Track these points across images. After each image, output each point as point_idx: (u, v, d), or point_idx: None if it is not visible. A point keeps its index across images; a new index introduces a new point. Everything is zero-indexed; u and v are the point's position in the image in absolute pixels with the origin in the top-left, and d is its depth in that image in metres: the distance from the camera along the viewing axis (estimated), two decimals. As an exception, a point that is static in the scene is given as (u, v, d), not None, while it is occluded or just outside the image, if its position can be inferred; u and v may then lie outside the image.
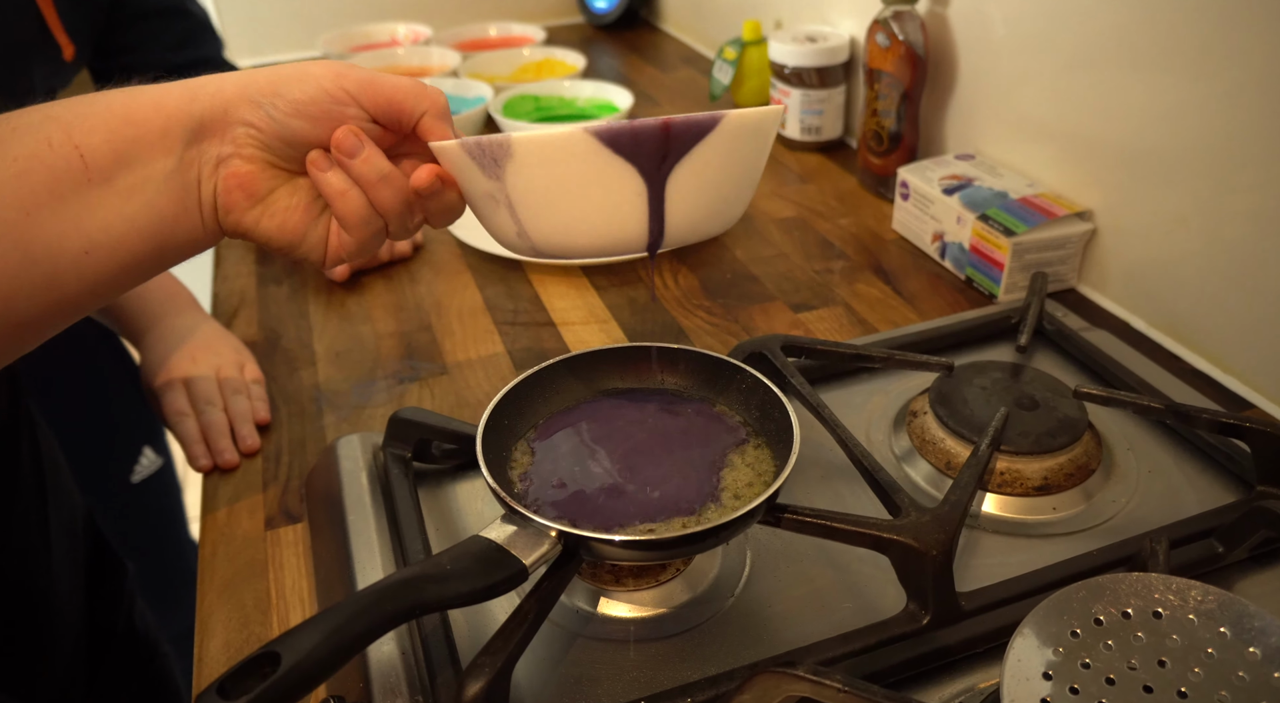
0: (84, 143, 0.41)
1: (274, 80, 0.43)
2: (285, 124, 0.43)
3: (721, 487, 0.50)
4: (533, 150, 0.42)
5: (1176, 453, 0.62)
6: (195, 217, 0.44)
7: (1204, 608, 0.41)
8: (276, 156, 0.44)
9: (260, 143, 0.43)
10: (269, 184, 0.45)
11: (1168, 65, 0.69)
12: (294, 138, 0.44)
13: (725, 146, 0.43)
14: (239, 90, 0.43)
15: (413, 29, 1.48)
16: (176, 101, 0.42)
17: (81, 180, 0.40)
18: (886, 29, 0.91)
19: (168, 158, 0.42)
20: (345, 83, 0.43)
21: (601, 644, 0.50)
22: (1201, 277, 0.70)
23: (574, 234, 0.45)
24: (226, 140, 0.43)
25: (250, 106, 0.43)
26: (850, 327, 0.78)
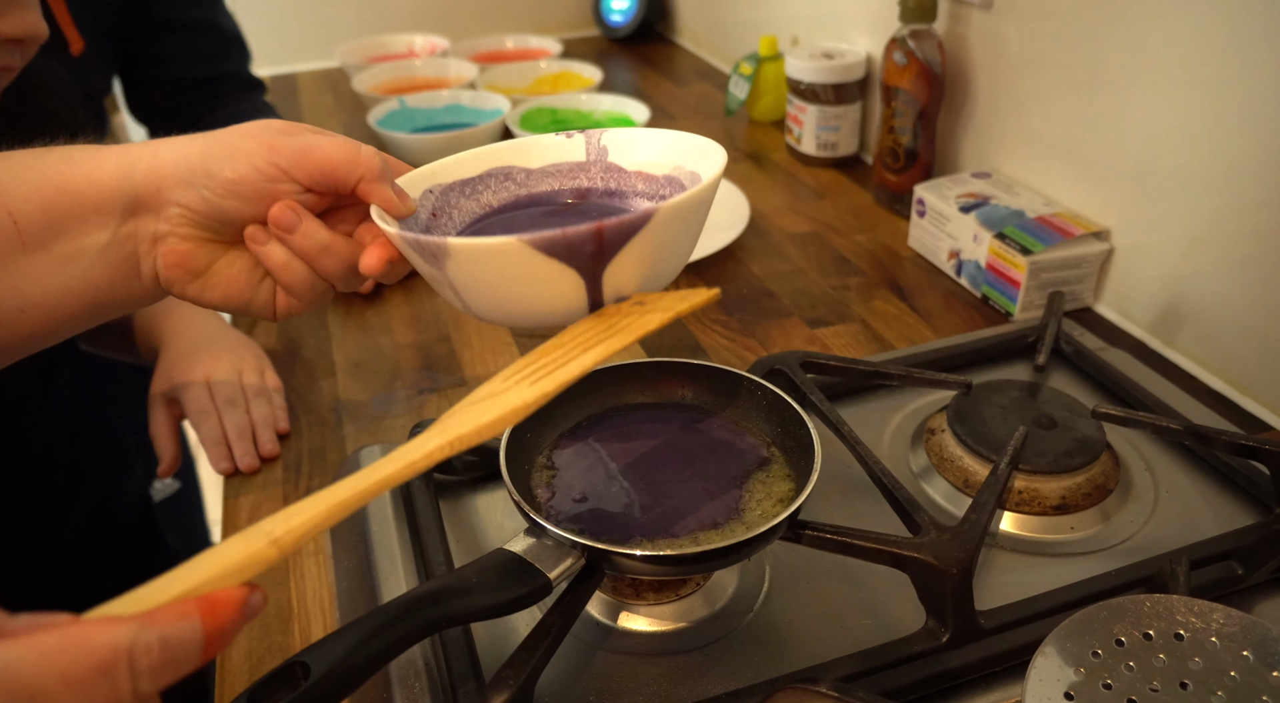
0: (18, 210, 0.41)
1: (205, 158, 0.42)
2: (218, 205, 0.43)
3: (743, 502, 0.50)
4: (471, 256, 0.42)
5: (1193, 474, 0.62)
6: (135, 283, 0.44)
7: (1226, 631, 0.42)
8: (212, 233, 0.44)
9: (195, 222, 0.43)
10: (207, 258, 0.44)
11: (1183, 84, 0.70)
12: (228, 217, 0.43)
13: (660, 234, 0.43)
14: (172, 167, 0.42)
15: (430, 41, 1.50)
16: (110, 176, 0.42)
17: (15, 245, 0.41)
18: (904, 47, 0.91)
19: (102, 231, 0.42)
20: (277, 158, 0.43)
21: (621, 658, 0.50)
22: (1218, 297, 0.71)
23: (516, 316, 0.45)
24: (161, 218, 0.43)
25: (183, 187, 0.42)
26: (866, 343, 0.78)
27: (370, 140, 1.24)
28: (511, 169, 0.54)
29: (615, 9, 1.65)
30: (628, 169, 0.53)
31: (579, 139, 0.53)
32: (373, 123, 1.15)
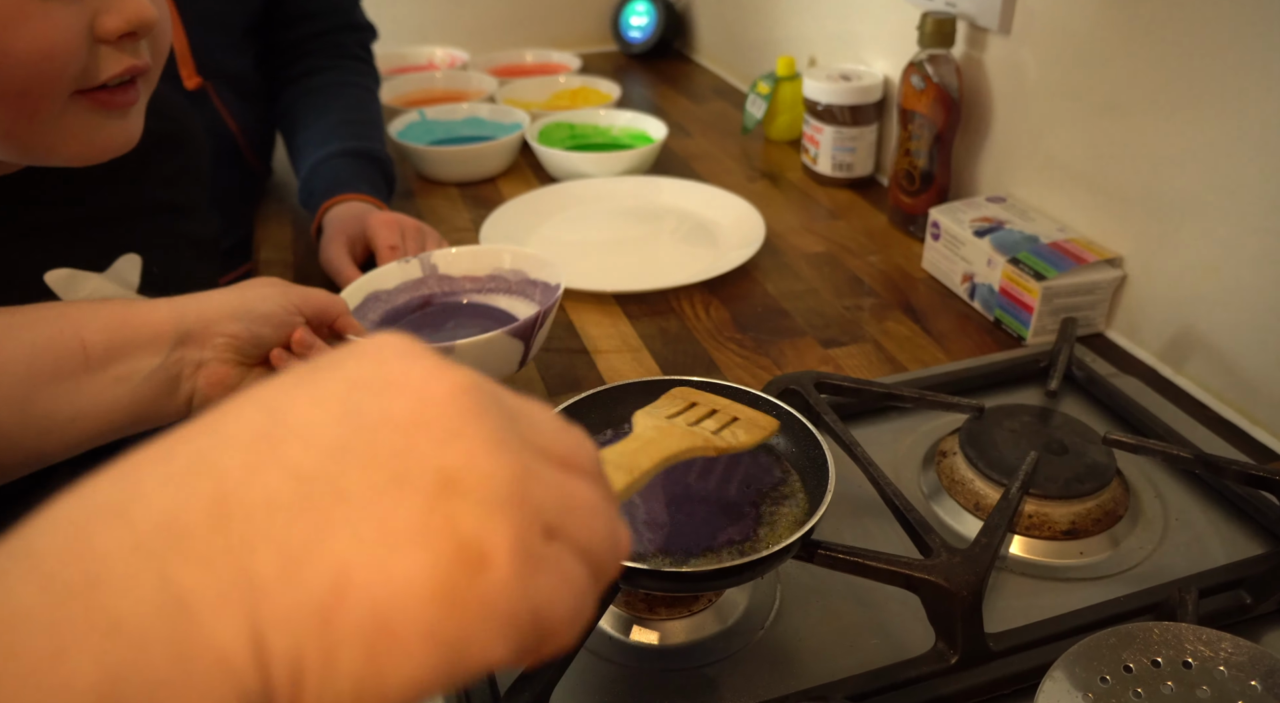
0: (89, 338, 0.49)
1: (245, 299, 0.55)
2: (257, 332, 0.54)
3: (757, 521, 0.51)
4: (469, 348, 0.64)
5: (1203, 502, 0.62)
6: (169, 402, 0.52)
7: (1235, 660, 0.42)
8: (244, 356, 0.54)
9: (235, 347, 0.53)
10: (239, 377, 0.54)
11: (1200, 112, 0.70)
12: (261, 341, 0.55)
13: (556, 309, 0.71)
14: (219, 309, 0.53)
15: (450, 53, 1.51)
16: (165, 316, 0.51)
17: (81, 366, 0.48)
18: (921, 71, 0.92)
19: (155, 357, 0.51)
20: (291, 298, 0.57)
21: (633, 672, 0.51)
22: (1230, 325, 0.71)
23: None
24: (206, 347, 0.52)
25: (231, 321, 0.53)
26: (879, 364, 0.79)
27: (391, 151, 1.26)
28: (378, 292, 0.76)
29: (634, 25, 1.67)
30: (455, 276, 0.78)
31: (414, 262, 0.77)
32: (393, 134, 1.17)
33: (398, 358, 0.23)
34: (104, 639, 0.18)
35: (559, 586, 0.22)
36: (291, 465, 0.20)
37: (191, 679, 0.18)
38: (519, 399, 0.25)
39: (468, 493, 0.21)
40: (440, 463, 0.21)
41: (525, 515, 0.21)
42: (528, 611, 0.21)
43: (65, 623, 0.18)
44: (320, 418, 0.21)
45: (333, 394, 0.22)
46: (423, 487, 0.21)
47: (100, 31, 0.50)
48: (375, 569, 0.20)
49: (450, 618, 0.20)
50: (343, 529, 0.20)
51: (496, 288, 0.78)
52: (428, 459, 0.21)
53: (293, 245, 1.02)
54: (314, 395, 0.22)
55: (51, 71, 0.49)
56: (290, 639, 0.19)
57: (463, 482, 0.21)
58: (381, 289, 0.75)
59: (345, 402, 0.22)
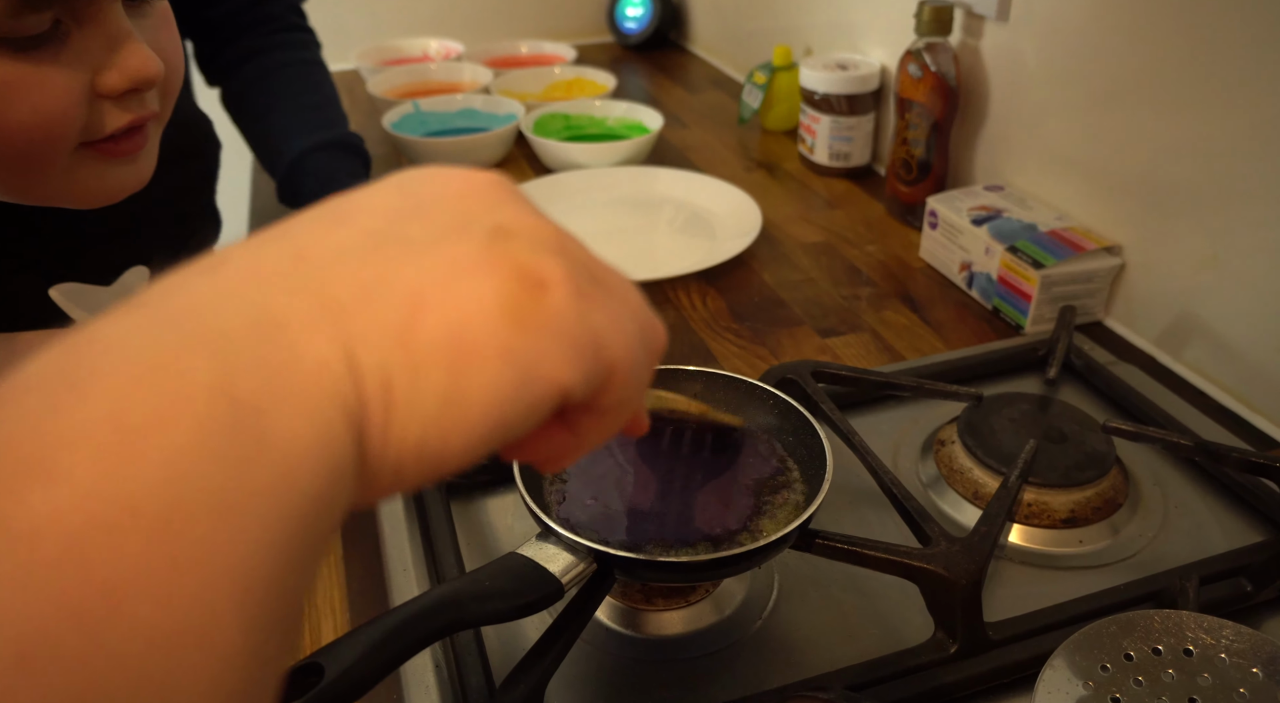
0: None
1: None
2: None
3: (754, 511, 0.50)
4: None
5: (1202, 490, 0.62)
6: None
7: (1236, 648, 0.42)
8: None
9: None
10: None
11: (1198, 100, 0.70)
12: None
13: None
14: None
15: (445, 45, 1.50)
16: None
17: None
18: (919, 60, 0.92)
19: None
20: None
21: (630, 663, 0.51)
22: (1229, 313, 0.71)
23: None
24: None
25: None
26: (877, 353, 0.79)
27: (384, 142, 1.25)
28: None
29: (630, 16, 1.66)
30: None
31: None
32: (387, 126, 1.16)
33: (435, 169, 0.26)
34: (215, 343, 0.19)
35: (613, 317, 0.24)
36: (359, 226, 0.23)
37: (298, 377, 0.19)
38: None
39: (520, 237, 0.23)
40: (493, 219, 0.23)
41: (574, 262, 0.24)
42: (589, 332, 0.23)
43: (176, 334, 0.19)
44: (381, 199, 0.24)
45: (389, 186, 0.25)
46: (479, 233, 0.23)
47: (102, 90, 0.47)
48: (447, 292, 0.21)
49: (520, 334, 0.22)
50: (410, 265, 0.22)
51: None
52: (480, 216, 0.23)
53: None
54: (371, 190, 0.25)
55: (53, 135, 0.46)
56: (377, 355, 0.20)
57: (515, 231, 0.23)
58: None
59: (401, 188, 0.25)
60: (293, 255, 0.22)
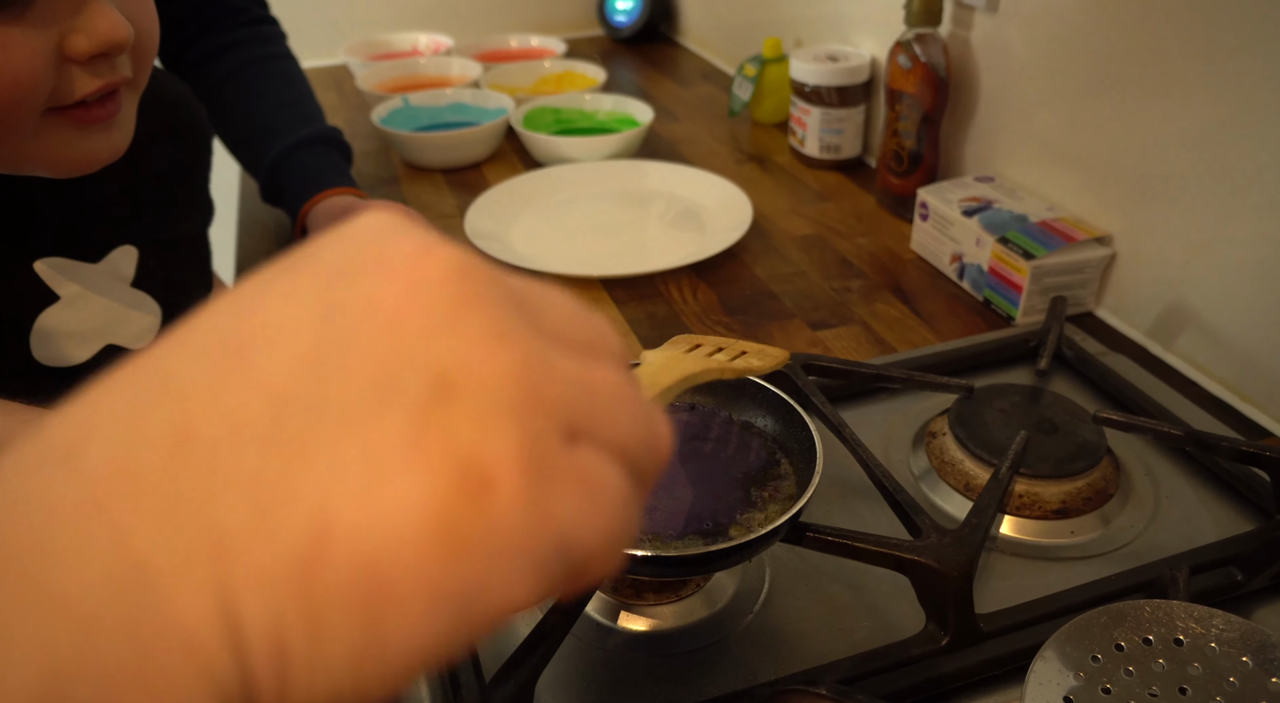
0: None
1: None
2: None
3: (744, 504, 0.50)
4: None
5: (1193, 479, 0.62)
6: None
7: (1226, 637, 0.42)
8: None
9: None
10: None
11: (1187, 90, 0.70)
12: None
13: None
14: None
15: (434, 39, 1.50)
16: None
17: None
18: (909, 51, 0.91)
19: None
20: None
21: (621, 658, 0.51)
22: (1219, 303, 0.71)
23: None
24: None
25: None
26: (868, 346, 0.78)
27: (374, 137, 1.25)
28: None
29: (620, 9, 1.65)
30: None
31: None
32: (376, 121, 1.15)
33: (383, 237, 0.19)
34: (47, 625, 0.15)
35: (589, 500, 0.18)
36: (261, 382, 0.17)
37: (153, 669, 0.15)
38: (526, 281, 0.21)
39: (465, 398, 0.17)
40: (432, 363, 0.17)
41: (537, 417, 0.18)
42: (551, 538, 0.17)
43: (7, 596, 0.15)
44: (294, 318, 0.18)
45: (310, 288, 0.18)
46: (413, 395, 0.17)
47: (69, 53, 0.47)
48: (360, 507, 0.16)
49: (455, 565, 0.16)
50: (321, 459, 0.16)
51: None
52: (418, 359, 0.17)
53: (275, 234, 1.01)
54: (288, 291, 0.18)
55: (17, 97, 0.46)
56: (267, 606, 0.16)
57: (459, 384, 0.17)
58: None
59: (324, 296, 0.18)
60: (174, 439, 0.16)
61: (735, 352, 0.46)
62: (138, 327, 0.64)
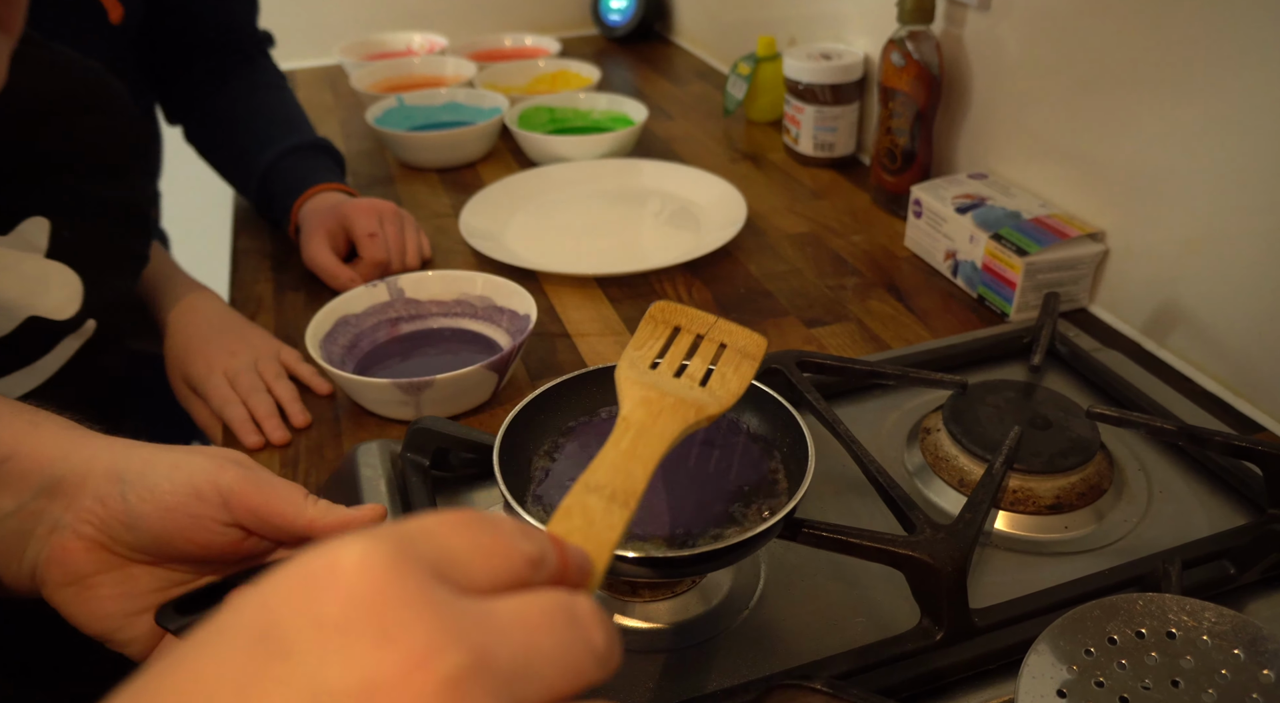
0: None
1: (151, 460, 0.41)
2: (134, 509, 0.39)
3: (739, 503, 0.50)
4: (447, 381, 0.67)
5: (1186, 474, 0.62)
6: (13, 567, 0.41)
7: (1218, 630, 0.42)
8: (113, 541, 0.40)
9: (102, 522, 0.40)
10: (92, 567, 0.40)
11: (1179, 87, 0.70)
12: (139, 523, 0.39)
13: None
14: (110, 462, 0.40)
15: (429, 39, 1.50)
16: (51, 452, 0.41)
17: None
18: (901, 48, 0.91)
19: (11, 500, 0.40)
20: (221, 479, 0.40)
21: (617, 655, 0.51)
22: (1212, 298, 0.71)
23: (454, 409, 0.71)
24: (71, 508, 0.40)
25: (111, 482, 0.40)
26: (863, 343, 0.79)
27: (368, 137, 1.25)
28: (346, 317, 0.76)
29: (614, 8, 1.65)
30: (422, 300, 0.79)
31: (381, 286, 0.78)
32: (371, 120, 1.15)
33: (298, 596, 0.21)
34: None
35: None
36: None
37: None
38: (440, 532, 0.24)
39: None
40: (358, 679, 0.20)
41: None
42: None
43: None
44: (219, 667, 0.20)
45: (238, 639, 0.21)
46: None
47: None
48: None
49: None
50: None
51: (463, 313, 0.79)
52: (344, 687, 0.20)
53: (270, 234, 1.01)
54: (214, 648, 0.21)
55: None
56: None
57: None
58: (350, 313, 0.76)
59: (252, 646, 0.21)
60: None
61: (712, 349, 0.48)
62: (58, 297, 0.63)
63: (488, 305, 0.78)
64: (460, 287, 0.79)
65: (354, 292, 0.77)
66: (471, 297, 0.79)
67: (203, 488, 0.40)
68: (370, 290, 0.77)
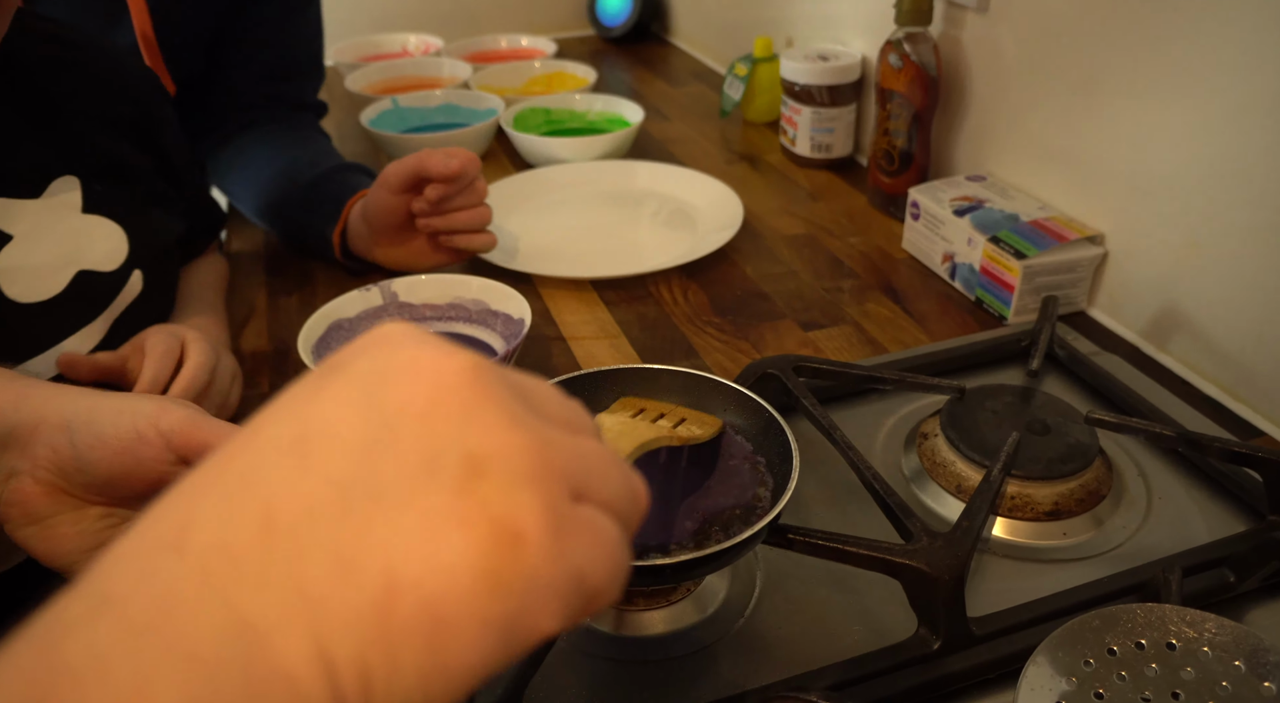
0: None
1: (96, 407, 0.43)
2: (83, 454, 0.42)
3: (724, 511, 0.50)
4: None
5: (1185, 480, 0.62)
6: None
7: (1219, 641, 0.41)
8: (68, 483, 0.43)
9: (55, 467, 0.42)
10: (51, 508, 0.43)
11: (1176, 88, 0.69)
12: (89, 468, 0.42)
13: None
14: (59, 410, 0.43)
15: (424, 40, 1.49)
16: (2, 403, 0.43)
17: None
18: (899, 50, 0.91)
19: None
20: (162, 422, 0.42)
21: (612, 664, 0.50)
22: (1211, 302, 0.71)
23: None
24: (26, 456, 0.43)
25: (60, 431, 0.42)
26: (860, 346, 0.78)
27: (362, 139, 1.24)
28: (340, 321, 0.75)
29: (610, 9, 1.65)
30: (415, 303, 0.78)
31: (375, 289, 0.77)
32: (365, 122, 1.15)
33: (404, 347, 0.24)
34: (183, 669, 0.19)
35: (594, 545, 0.23)
36: (326, 471, 0.21)
37: (270, 694, 0.19)
38: (520, 375, 0.26)
39: (493, 472, 0.21)
40: (463, 446, 0.22)
41: (551, 485, 0.22)
42: (570, 576, 0.22)
43: (147, 656, 0.19)
44: (345, 417, 0.22)
45: (352, 392, 0.23)
46: (450, 473, 0.21)
47: None
48: (421, 563, 0.20)
49: (499, 599, 0.21)
50: (383, 528, 0.21)
51: (457, 316, 0.78)
52: (451, 444, 0.22)
53: (264, 237, 1.00)
54: (336, 396, 0.23)
55: None
56: (353, 646, 0.20)
57: (487, 461, 0.22)
58: (343, 317, 0.75)
59: (365, 397, 0.23)
60: (260, 521, 0.21)
61: (676, 418, 0.53)
62: (103, 249, 0.64)
63: (482, 309, 0.78)
64: (454, 290, 0.78)
65: (347, 296, 0.76)
66: (465, 300, 0.78)
67: (145, 432, 0.42)
68: (364, 294, 0.76)
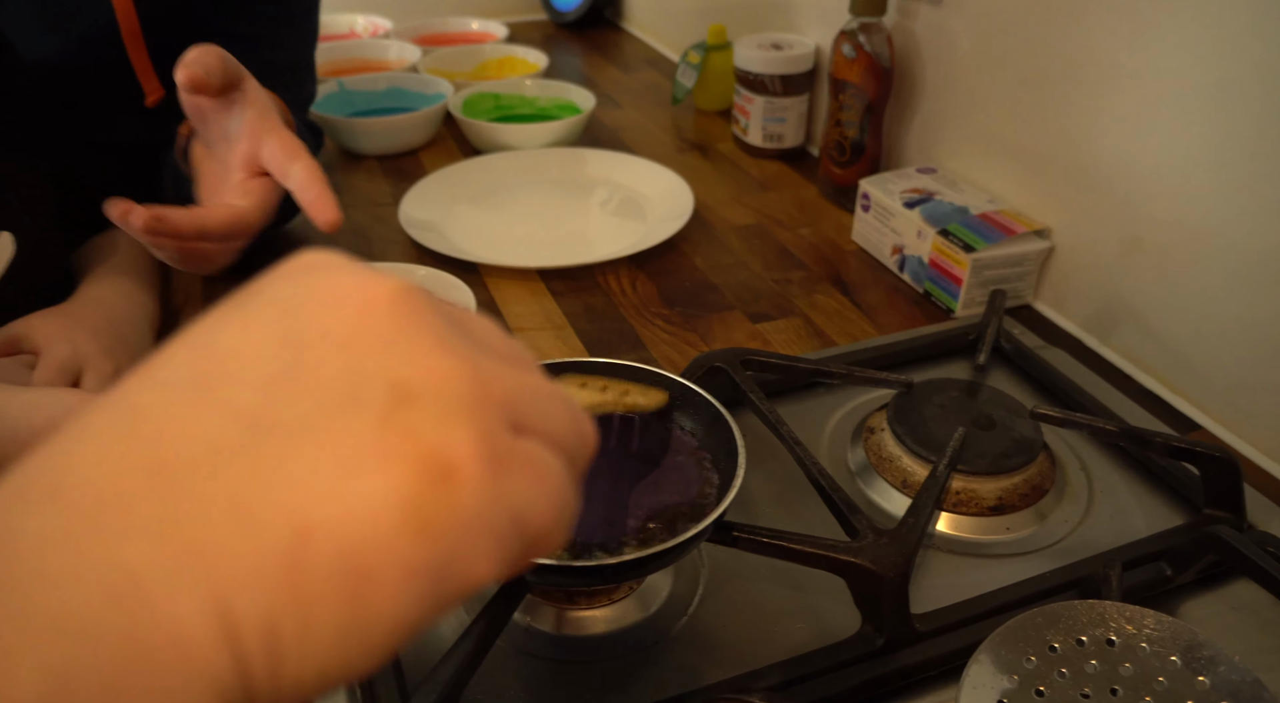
0: None
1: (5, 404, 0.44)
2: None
3: (668, 508, 0.49)
4: None
5: (1125, 473, 0.62)
6: None
7: (1156, 636, 0.42)
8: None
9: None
10: None
11: (1124, 85, 0.70)
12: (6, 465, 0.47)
13: None
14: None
15: (372, 21, 1.46)
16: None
17: None
18: (853, 40, 0.90)
19: None
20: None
21: (553, 665, 0.49)
22: (1151, 296, 0.71)
23: None
24: None
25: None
26: (808, 338, 0.78)
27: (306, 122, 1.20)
28: None
29: (563, -7, 1.63)
30: None
31: None
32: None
33: (327, 273, 0.21)
34: (47, 638, 0.16)
35: (535, 482, 0.21)
36: (231, 406, 0.19)
37: (151, 669, 0.16)
38: (453, 306, 0.23)
39: (422, 400, 0.19)
40: (389, 374, 0.19)
41: (487, 413, 0.20)
42: (508, 516, 0.20)
43: (3, 624, 0.16)
44: (255, 347, 0.20)
45: (264, 320, 0.20)
46: (374, 403, 0.19)
47: None
48: (336, 504, 0.18)
49: (426, 543, 0.18)
50: (294, 467, 0.18)
51: None
52: (375, 372, 0.19)
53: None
54: (244, 324, 0.20)
55: None
56: (257, 603, 0.17)
57: (416, 389, 0.19)
58: None
59: (280, 325, 0.20)
60: (151, 463, 0.18)
61: (621, 390, 0.52)
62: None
63: None
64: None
65: None
66: None
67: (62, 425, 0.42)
68: None
